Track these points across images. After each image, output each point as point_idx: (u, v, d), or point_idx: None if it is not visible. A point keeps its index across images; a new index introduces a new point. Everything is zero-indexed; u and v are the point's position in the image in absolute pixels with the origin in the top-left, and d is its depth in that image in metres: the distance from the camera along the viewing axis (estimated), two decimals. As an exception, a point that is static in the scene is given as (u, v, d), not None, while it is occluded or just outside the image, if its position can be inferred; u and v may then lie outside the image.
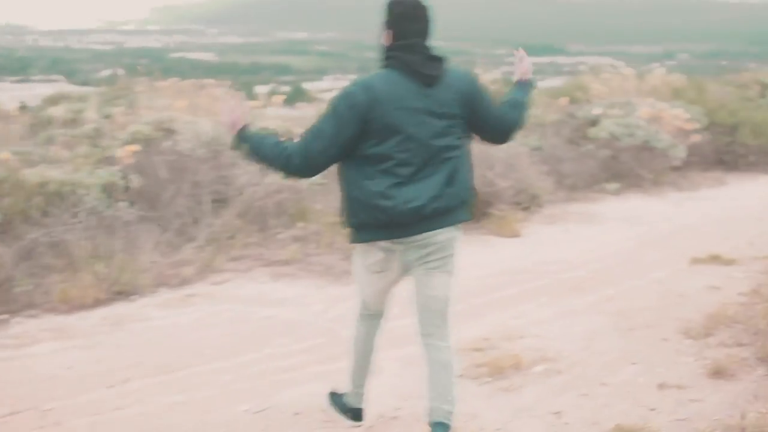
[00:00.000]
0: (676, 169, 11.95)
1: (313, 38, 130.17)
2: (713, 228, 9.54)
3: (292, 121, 9.93)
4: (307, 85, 68.07)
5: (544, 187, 10.25)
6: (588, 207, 10.56)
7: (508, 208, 9.50)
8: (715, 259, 7.98)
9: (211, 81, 11.27)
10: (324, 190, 8.76)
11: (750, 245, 8.62)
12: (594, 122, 12.14)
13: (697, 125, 12.15)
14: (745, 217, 10.18)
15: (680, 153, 11.65)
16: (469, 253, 7.90)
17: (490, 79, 12.27)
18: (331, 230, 8.17)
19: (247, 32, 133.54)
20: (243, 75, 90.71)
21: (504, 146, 9.68)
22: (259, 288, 7.17)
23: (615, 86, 14.34)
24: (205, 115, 9.25)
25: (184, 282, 7.16)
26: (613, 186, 11.27)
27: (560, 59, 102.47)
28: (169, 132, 8.59)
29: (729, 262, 7.85)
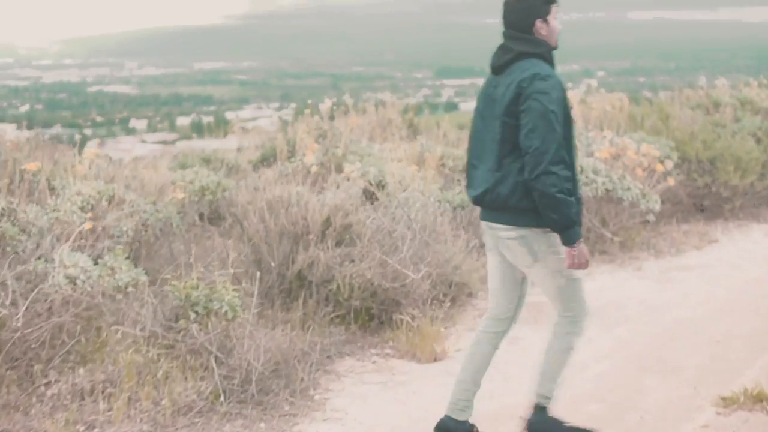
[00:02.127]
0: (645, 221, 8.75)
1: (233, 68, 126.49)
2: (725, 325, 6.34)
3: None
4: (230, 115, 65.37)
5: (476, 270, 6.95)
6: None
7: (423, 310, 6.19)
8: (751, 399, 4.76)
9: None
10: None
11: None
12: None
13: (670, 164, 8.97)
14: (762, 296, 7.02)
15: (654, 205, 8.44)
16: (359, 398, 5.16)
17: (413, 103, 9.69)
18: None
19: (166, 63, 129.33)
20: (164, 106, 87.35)
21: (417, 208, 6.57)
22: None
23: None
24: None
25: None
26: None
27: (481, 81, 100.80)
28: None
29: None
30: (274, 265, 6.46)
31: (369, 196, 7.97)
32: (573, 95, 11.17)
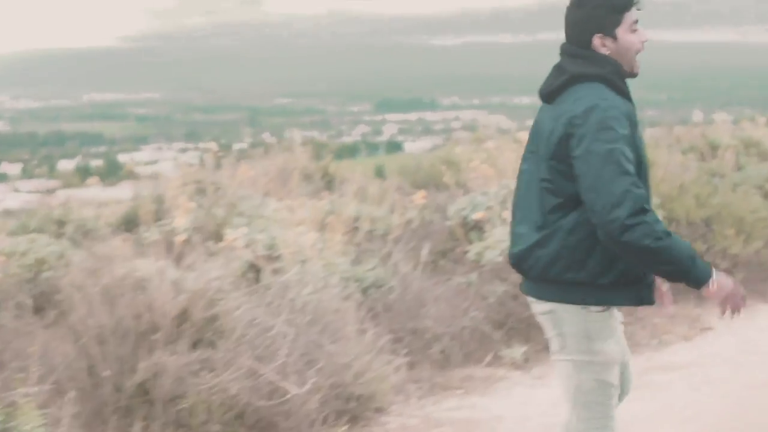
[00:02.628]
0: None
1: (128, 99, 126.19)
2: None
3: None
4: (123, 157, 64.65)
5: (386, 377, 6.25)
6: (474, 404, 6.63)
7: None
8: None
9: None
10: None
11: None
12: (476, 231, 8.35)
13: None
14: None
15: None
16: None
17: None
18: None
19: (47, 95, 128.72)
20: (43, 147, 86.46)
21: (308, 292, 5.92)
22: None
23: (507, 160, 10.52)
24: None
25: None
26: (515, 351, 7.38)
27: (430, 115, 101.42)
28: None
29: None
30: (108, 375, 5.73)
31: (257, 272, 7.40)
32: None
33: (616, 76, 3.78)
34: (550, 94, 3.84)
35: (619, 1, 3.77)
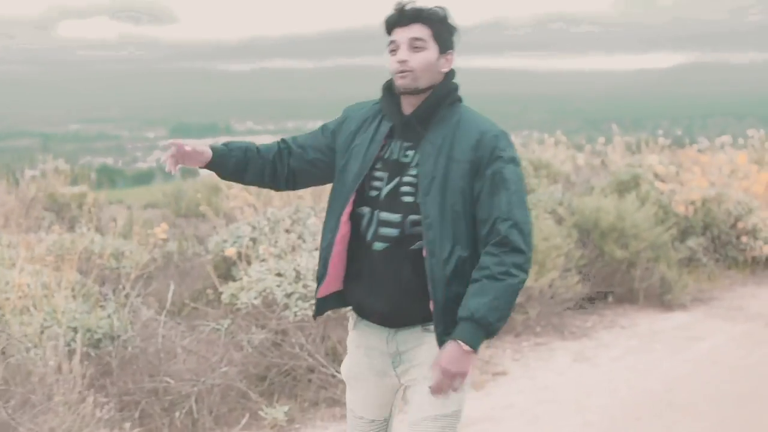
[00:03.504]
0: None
1: None
2: None
3: None
4: None
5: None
6: None
7: None
8: None
9: None
10: None
11: None
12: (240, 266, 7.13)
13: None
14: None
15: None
16: None
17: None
18: None
19: None
20: None
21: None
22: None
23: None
24: None
25: None
26: (277, 411, 6.17)
27: (225, 140, 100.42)
28: None
29: None
30: None
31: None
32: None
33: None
34: None
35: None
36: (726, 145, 14.48)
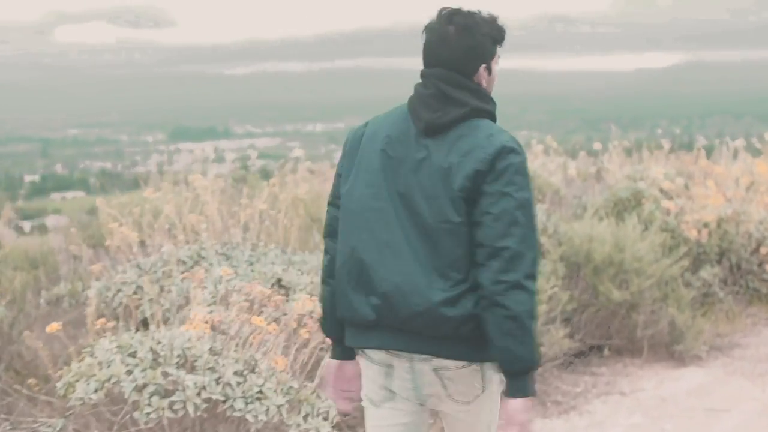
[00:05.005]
0: None
1: None
2: None
3: None
4: None
5: None
6: None
7: None
8: None
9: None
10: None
11: None
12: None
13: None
14: None
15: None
16: None
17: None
18: None
19: None
20: None
21: None
22: None
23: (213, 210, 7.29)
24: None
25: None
26: None
27: (224, 143, 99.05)
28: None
29: None
30: None
31: None
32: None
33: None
34: (443, 126, 3.20)
35: (499, 33, 3.31)
36: (740, 149, 12.32)
